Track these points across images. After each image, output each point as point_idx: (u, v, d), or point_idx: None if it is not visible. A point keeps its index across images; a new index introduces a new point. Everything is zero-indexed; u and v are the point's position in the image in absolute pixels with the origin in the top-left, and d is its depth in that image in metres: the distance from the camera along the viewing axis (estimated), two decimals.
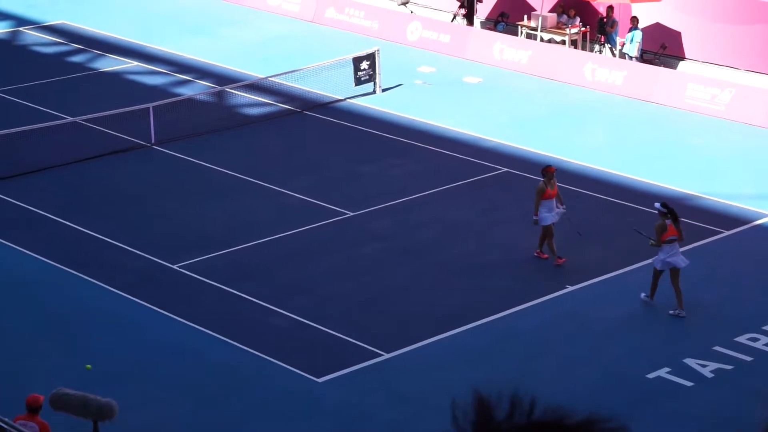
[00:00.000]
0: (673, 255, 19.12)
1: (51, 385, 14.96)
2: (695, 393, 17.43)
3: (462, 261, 21.65)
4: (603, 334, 19.21)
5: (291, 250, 22.09)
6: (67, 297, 20.45)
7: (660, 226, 19.05)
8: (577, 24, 33.22)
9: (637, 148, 26.70)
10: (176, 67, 32.13)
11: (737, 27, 30.69)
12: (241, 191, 24.65)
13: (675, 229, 19.11)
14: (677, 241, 19.16)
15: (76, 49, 33.68)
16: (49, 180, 25.15)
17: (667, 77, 29.81)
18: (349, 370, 18.15)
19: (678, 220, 19.13)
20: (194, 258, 21.64)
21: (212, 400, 17.40)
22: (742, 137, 27.24)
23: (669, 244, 19.02)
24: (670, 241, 19.12)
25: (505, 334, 19.21)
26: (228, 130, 27.85)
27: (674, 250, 19.16)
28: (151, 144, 26.95)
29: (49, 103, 29.35)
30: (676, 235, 19.13)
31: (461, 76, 31.25)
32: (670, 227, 19.09)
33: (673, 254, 19.21)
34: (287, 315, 19.73)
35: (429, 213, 23.55)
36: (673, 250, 19.05)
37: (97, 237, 22.52)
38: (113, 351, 18.71)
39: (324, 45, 33.36)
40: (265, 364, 18.27)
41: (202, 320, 19.55)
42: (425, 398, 17.38)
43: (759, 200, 23.94)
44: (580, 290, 20.57)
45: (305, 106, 29.34)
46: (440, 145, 26.86)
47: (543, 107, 29.26)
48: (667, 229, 18.95)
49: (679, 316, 19.33)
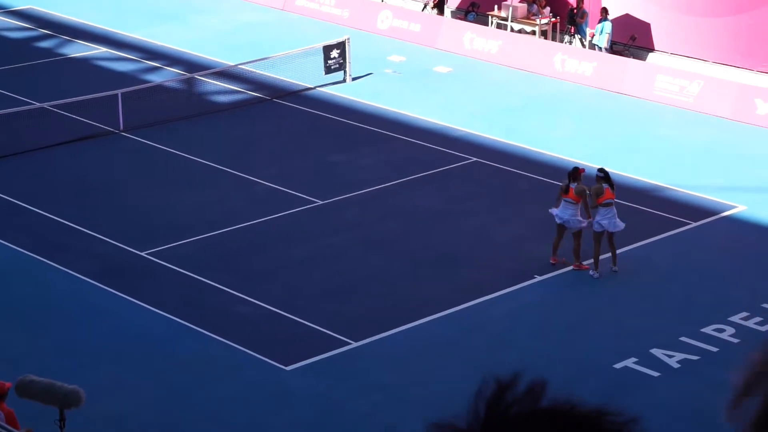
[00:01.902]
0: (611, 217, 20.08)
1: (17, 372, 14.88)
2: (661, 383, 17.53)
3: (430, 251, 21.67)
4: (570, 325, 19.29)
5: (260, 238, 22.05)
6: (34, 284, 20.34)
7: (597, 189, 20.02)
8: (547, 14, 33.27)
9: (606, 139, 26.79)
10: (146, 54, 31.97)
11: (706, 19, 30.82)
12: (210, 179, 24.57)
13: (611, 193, 20.04)
14: (612, 204, 20.18)
15: (44, 35, 33.47)
16: (16, 166, 24.98)
17: (636, 69, 29.91)
18: (318, 359, 18.15)
19: (613, 185, 20.11)
20: (162, 245, 21.57)
21: (180, 388, 17.37)
22: (711, 129, 27.37)
23: (605, 207, 20.03)
24: (606, 204, 20.04)
25: (473, 323, 19.25)
26: (197, 118, 27.75)
27: (611, 213, 20.10)
28: (119, 131, 26.82)
29: (16, 88, 29.15)
30: (612, 198, 20.06)
31: (431, 66, 31.25)
32: (607, 191, 20.03)
33: (609, 216, 20.09)
34: (256, 303, 19.70)
35: (398, 202, 23.55)
36: (610, 213, 20.05)
37: (64, 224, 22.41)
38: (80, 338, 18.63)
39: (294, 33, 33.28)
40: (234, 352, 18.24)
41: (170, 308, 19.49)
42: (394, 387, 17.41)
43: (726, 192, 24.07)
44: (548, 280, 20.63)
45: (275, 94, 29.27)
46: (410, 134, 26.86)
47: (513, 97, 29.31)
48: (603, 192, 19.99)
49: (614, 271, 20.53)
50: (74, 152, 25.76)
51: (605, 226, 20.03)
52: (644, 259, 21.49)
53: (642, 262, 21.42)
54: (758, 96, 27.93)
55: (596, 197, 20.00)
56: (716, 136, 27.01)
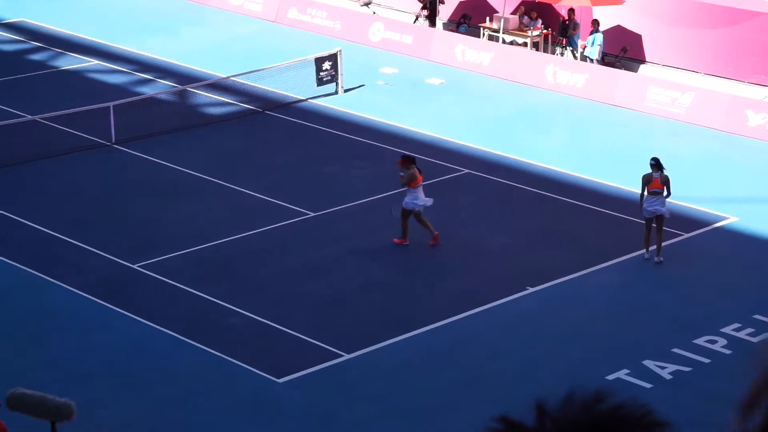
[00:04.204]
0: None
1: (8, 385, 14.83)
2: (654, 394, 17.51)
3: (423, 262, 21.67)
4: (563, 336, 19.29)
5: (252, 250, 22.03)
6: (26, 297, 20.30)
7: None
8: (538, 26, 33.34)
9: (597, 151, 26.83)
10: (137, 66, 31.98)
11: (698, 31, 30.90)
12: (202, 191, 24.56)
13: (659, 183, 21.36)
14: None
15: (36, 47, 33.46)
16: (8, 178, 24.95)
17: (627, 80, 29.96)
18: (310, 371, 18.13)
19: (663, 176, 21.44)
20: (154, 258, 21.55)
21: (172, 401, 17.33)
22: (702, 140, 27.42)
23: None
24: (653, 192, 21.33)
25: (466, 335, 19.25)
26: (189, 130, 27.74)
27: (657, 201, 21.28)
28: (111, 143, 26.80)
29: (7, 100, 29.13)
30: (659, 188, 21.31)
31: (424, 78, 31.29)
32: (656, 180, 21.31)
33: (654, 204, 21.22)
34: (247, 315, 19.67)
35: (390, 214, 23.53)
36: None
37: (56, 236, 22.37)
38: (71, 351, 18.59)
39: (286, 45, 33.30)
40: (226, 365, 18.21)
41: (162, 320, 19.46)
42: (386, 399, 17.39)
43: (718, 203, 24.11)
44: (540, 292, 20.64)
45: (267, 105, 29.28)
46: (402, 146, 26.85)
47: (505, 109, 29.34)
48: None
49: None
50: (66, 165, 25.73)
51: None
52: (636, 271, 21.50)
53: (633, 274, 21.43)
54: (749, 107, 27.99)
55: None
56: (708, 148, 27.05)
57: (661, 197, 21.43)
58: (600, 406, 2.23)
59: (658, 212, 21.39)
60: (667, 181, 21.43)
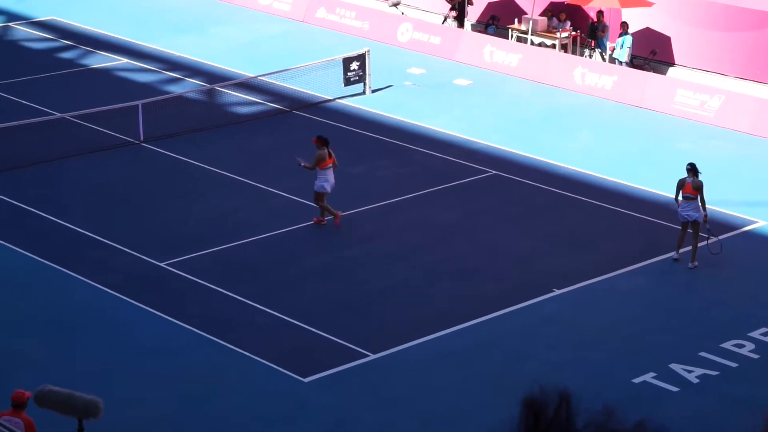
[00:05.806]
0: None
1: (36, 381, 14.92)
2: (680, 398, 17.46)
3: (448, 263, 21.66)
4: (589, 338, 19.24)
5: (278, 250, 22.08)
6: (54, 294, 20.41)
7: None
8: (567, 28, 33.27)
9: (625, 153, 26.75)
10: (166, 65, 32.09)
11: (727, 34, 30.77)
12: (230, 190, 24.63)
13: (691, 189, 21.27)
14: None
15: (66, 46, 33.63)
16: (37, 176, 25.09)
17: (656, 83, 29.86)
18: (335, 371, 18.15)
19: (696, 182, 21.26)
20: (182, 256, 21.62)
21: (198, 399, 17.39)
22: (731, 144, 27.31)
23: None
24: (685, 197, 21.28)
25: (491, 337, 19.23)
26: (217, 129, 27.83)
27: (690, 206, 21.24)
28: (139, 141, 26.91)
29: (37, 99, 29.29)
30: (692, 194, 21.22)
31: (451, 78, 31.27)
32: (688, 185, 21.29)
33: (688, 209, 21.25)
34: (274, 314, 19.72)
35: (416, 215, 23.55)
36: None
37: (84, 234, 22.48)
38: (99, 349, 18.68)
39: (314, 45, 33.35)
40: (251, 363, 18.25)
41: (189, 318, 19.53)
42: (409, 401, 17.39)
43: (746, 207, 24.00)
44: (567, 294, 20.59)
45: (294, 105, 29.33)
46: (429, 146, 26.87)
47: (532, 111, 29.30)
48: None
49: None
50: (95, 163, 25.86)
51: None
52: (663, 274, 21.43)
53: (660, 277, 21.36)
54: None
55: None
56: (736, 151, 26.94)
57: (694, 203, 21.28)
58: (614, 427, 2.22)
59: (691, 218, 21.27)
60: (699, 187, 21.24)
